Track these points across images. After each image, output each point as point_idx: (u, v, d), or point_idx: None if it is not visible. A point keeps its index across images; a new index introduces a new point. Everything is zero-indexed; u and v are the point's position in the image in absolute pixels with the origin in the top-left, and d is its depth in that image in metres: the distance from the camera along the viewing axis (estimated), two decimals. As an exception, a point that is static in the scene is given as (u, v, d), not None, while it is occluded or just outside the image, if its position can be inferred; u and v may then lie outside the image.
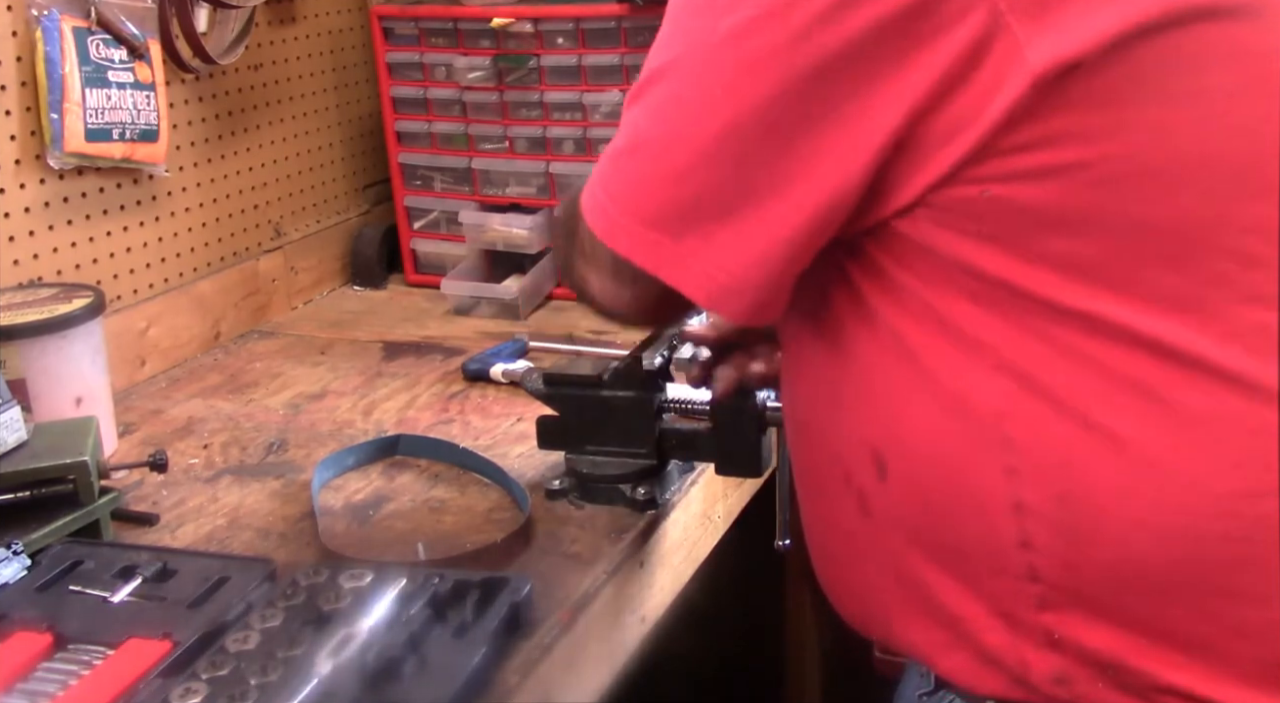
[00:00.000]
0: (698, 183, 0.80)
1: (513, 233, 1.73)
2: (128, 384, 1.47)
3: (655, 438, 1.12)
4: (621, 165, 0.85)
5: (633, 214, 0.82)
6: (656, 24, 0.84)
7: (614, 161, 0.85)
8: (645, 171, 0.83)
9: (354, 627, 0.86)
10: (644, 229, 0.82)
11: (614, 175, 0.85)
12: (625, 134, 0.84)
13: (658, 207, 0.82)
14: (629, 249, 0.83)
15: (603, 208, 0.85)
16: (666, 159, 0.81)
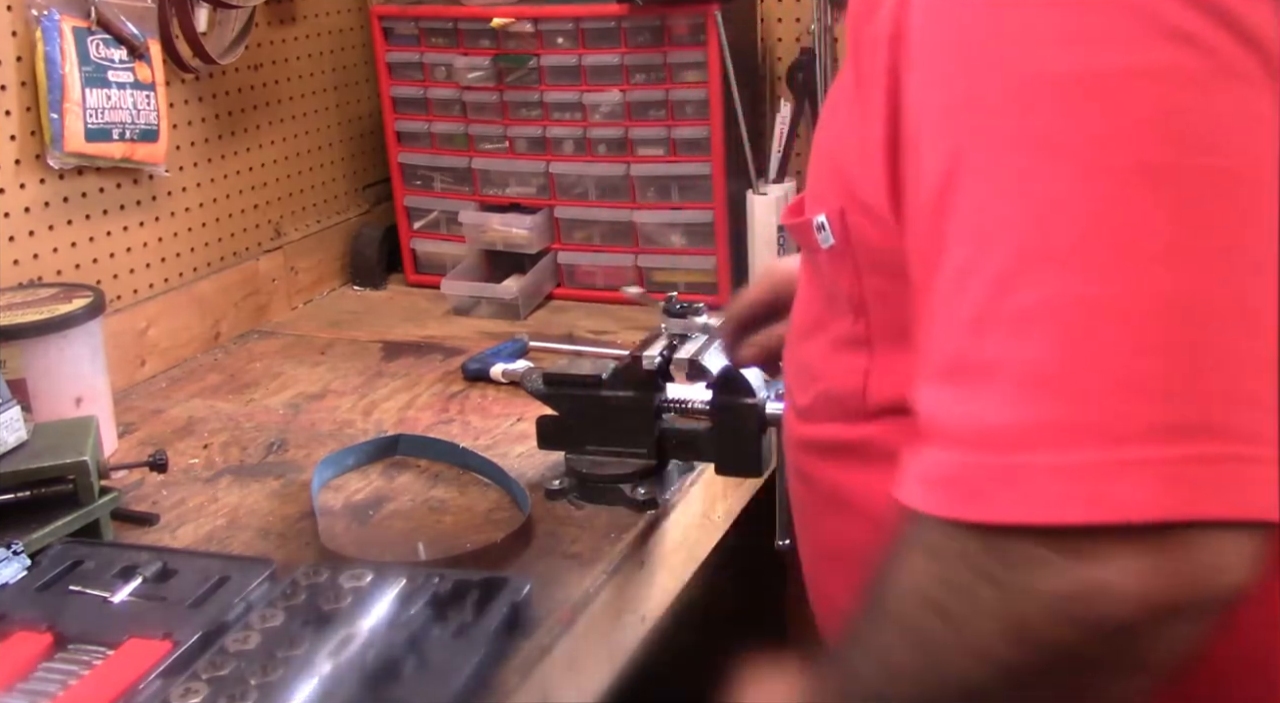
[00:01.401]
0: (1184, 332, 0.54)
1: (513, 233, 1.73)
2: (128, 384, 1.47)
3: (655, 438, 1.12)
4: (1043, 377, 0.56)
5: (1104, 443, 0.54)
6: (656, 24, 0.82)
7: (1021, 390, 0.56)
8: (1097, 361, 0.55)
9: (354, 627, 0.86)
10: (1138, 451, 0.53)
11: (1024, 407, 0.56)
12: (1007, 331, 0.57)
13: (1144, 410, 0.54)
14: (1125, 502, 0.53)
15: (1025, 475, 0.55)
16: (1121, 332, 0.55)
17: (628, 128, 1.67)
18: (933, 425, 0.60)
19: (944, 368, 0.60)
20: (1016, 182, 0.58)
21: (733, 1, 1.62)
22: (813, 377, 0.85)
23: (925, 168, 0.62)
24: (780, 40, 1.80)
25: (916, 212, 0.64)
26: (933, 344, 0.62)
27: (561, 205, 1.73)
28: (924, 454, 0.60)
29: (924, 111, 0.63)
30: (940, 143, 0.61)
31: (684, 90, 1.63)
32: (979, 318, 0.58)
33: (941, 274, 0.61)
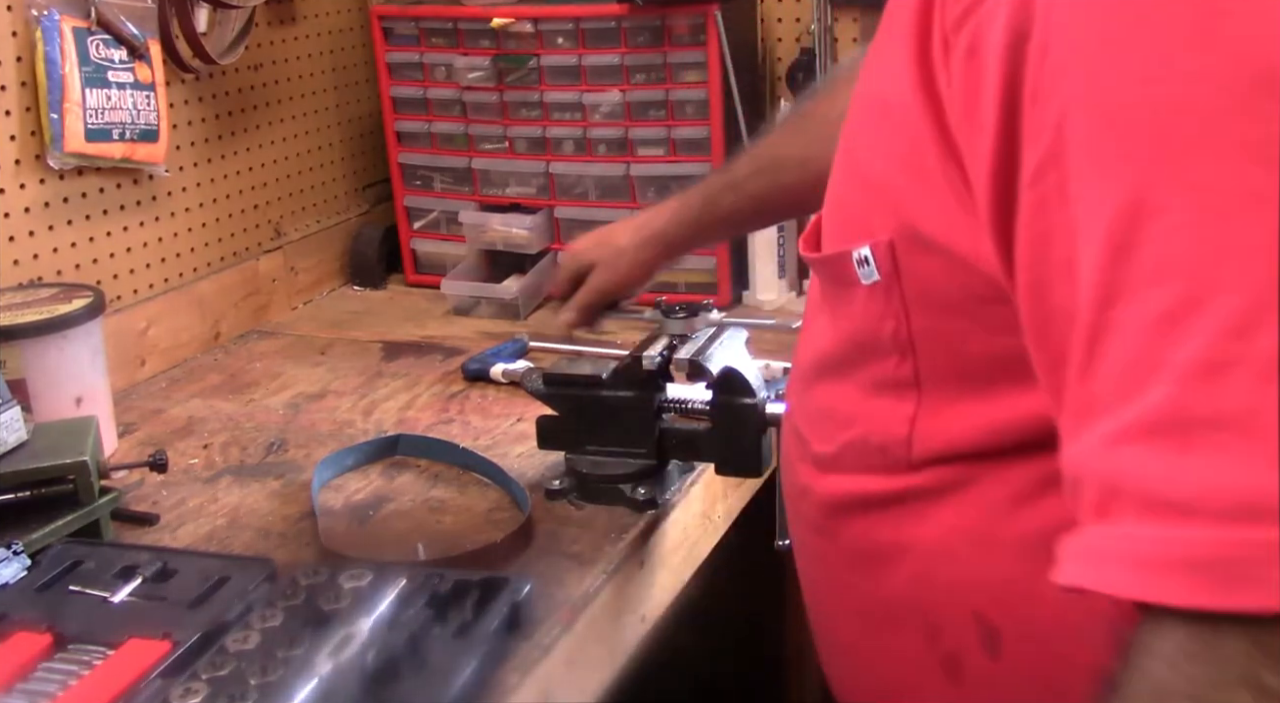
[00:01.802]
0: None
1: (513, 233, 1.73)
2: (128, 384, 1.47)
3: (655, 438, 1.12)
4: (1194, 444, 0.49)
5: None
6: (656, 24, 0.79)
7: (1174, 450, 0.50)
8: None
9: (354, 627, 0.86)
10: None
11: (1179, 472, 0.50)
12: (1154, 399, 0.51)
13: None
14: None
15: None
16: None
17: (628, 128, 1.67)
18: (1140, 494, 0.51)
19: (1152, 424, 0.51)
20: (1235, 222, 0.51)
21: (733, 1, 1.62)
22: (840, 423, 0.79)
23: (1084, 203, 0.55)
24: (780, 40, 1.80)
25: (1060, 250, 0.57)
26: (1115, 397, 0.53)
27: (561, 205, 1.73)
28: (1128, 531, 0.51)
29: (1079, 141, 0.56)
30: (1114, 178, 0.54)
31: (684, 90, 1.63)
32: (1210, 365, 0.50)
33: (1124, 319, 0.53)
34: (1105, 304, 0.54)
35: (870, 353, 0.75)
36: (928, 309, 0.71)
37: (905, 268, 0.71)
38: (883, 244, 0.71)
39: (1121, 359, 0.53)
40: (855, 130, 0.77)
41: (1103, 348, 0.54)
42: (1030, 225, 0.59)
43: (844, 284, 0.74)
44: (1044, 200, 0.58)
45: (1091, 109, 0.55)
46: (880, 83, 0.73)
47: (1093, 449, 0.53)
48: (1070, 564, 0.54)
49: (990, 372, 0.70)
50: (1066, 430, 0.56)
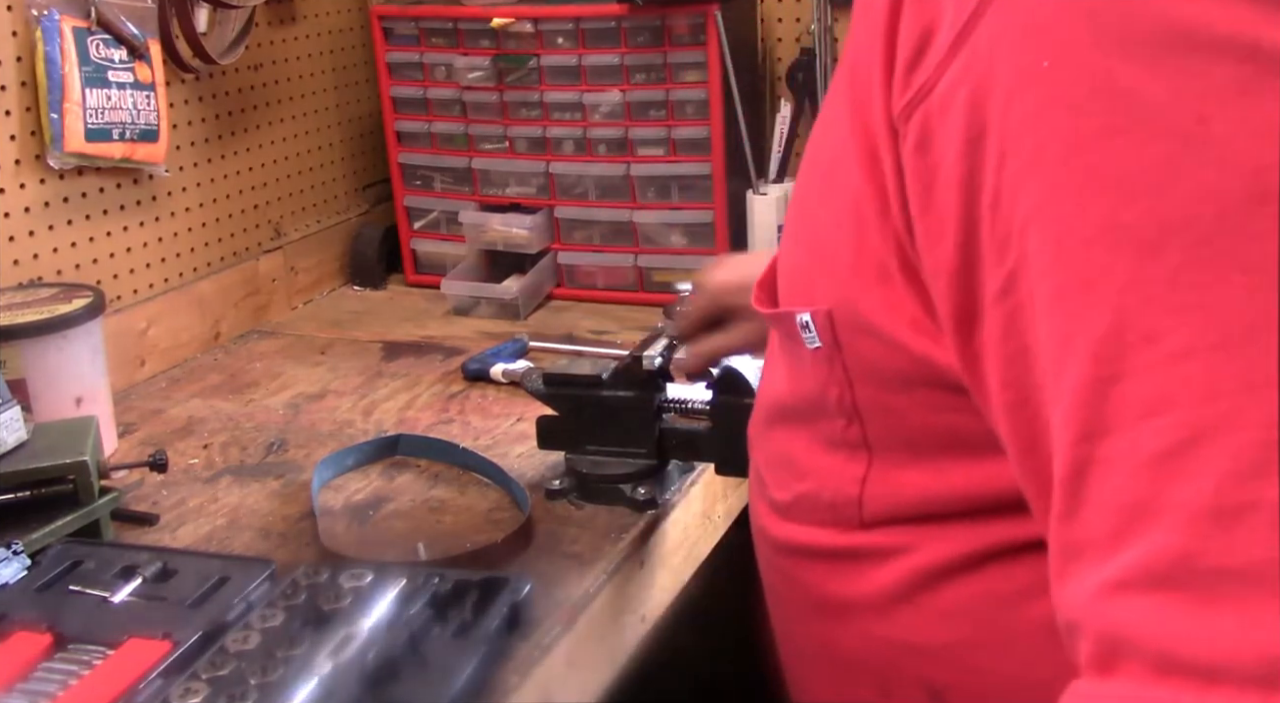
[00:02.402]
0: None
1: (513, 233, 1.73)
2: (128, 384, 1.47)
3: (655, 438, 1.12)
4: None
5: None
6: (656, 24, 0.78)
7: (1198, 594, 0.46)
8: None
9: (354, 627, 0.86)
10: None
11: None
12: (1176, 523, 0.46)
13: None
14: None
15: None
16: None
17: (628, 128, 1.67)
18: (1153, 654, 0.46)
19: (1159, 573, 0.46)
20: (1237, 350, 0.46)
21: (733, 1, 1.62)
22: (795, 474, 0.78)
23: (1058, 324, 0.51)
24: (780, 40, 1.80)
25: (1041, 367, 0.53)
26: (1111, 540, 0.48)
27: (561, 205, 1.73)
28: (1146, 696, 0.46)
29: (1047, 257, 0.51)
30: (1093, 301, 0.49)
31: (684, 90, 1.63)
32: (1220, 509, 0.45)
33: (1115, 454, 0.49)
34: (1090, 438, 0.49)
35: (820, 412, 0.73)
36: (869, 382, 0.69)
37: (844, 341, 0.68)
38: (822, 313, 0.69)
39: (1116, 498, 0.48)
40: (804, 190, 0.75)
41: (1091, 485, 0.49)
42: (1005, 341, 0.55)
43: (794, 341, 0.73)
44: (1015, 315, 0.54)
45: (1058, 225, 0.51)
46: (830, 145, 0.70)
47: (1090, 597, 0.49)
48: None
49: (933, 443, 0.68)
50: (1055, 570, 0.52)
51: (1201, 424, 0.46)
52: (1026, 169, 0.52)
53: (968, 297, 0.56)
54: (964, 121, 0.54)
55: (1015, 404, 0.55)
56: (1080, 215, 0.50)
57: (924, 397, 0.66)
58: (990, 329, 0.56)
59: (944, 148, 0.55)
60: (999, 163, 0.53)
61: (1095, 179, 0.50)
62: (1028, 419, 0.54)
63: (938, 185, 0.56)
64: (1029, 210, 0.52)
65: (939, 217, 0.57)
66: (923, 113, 0.56)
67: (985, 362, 0.57)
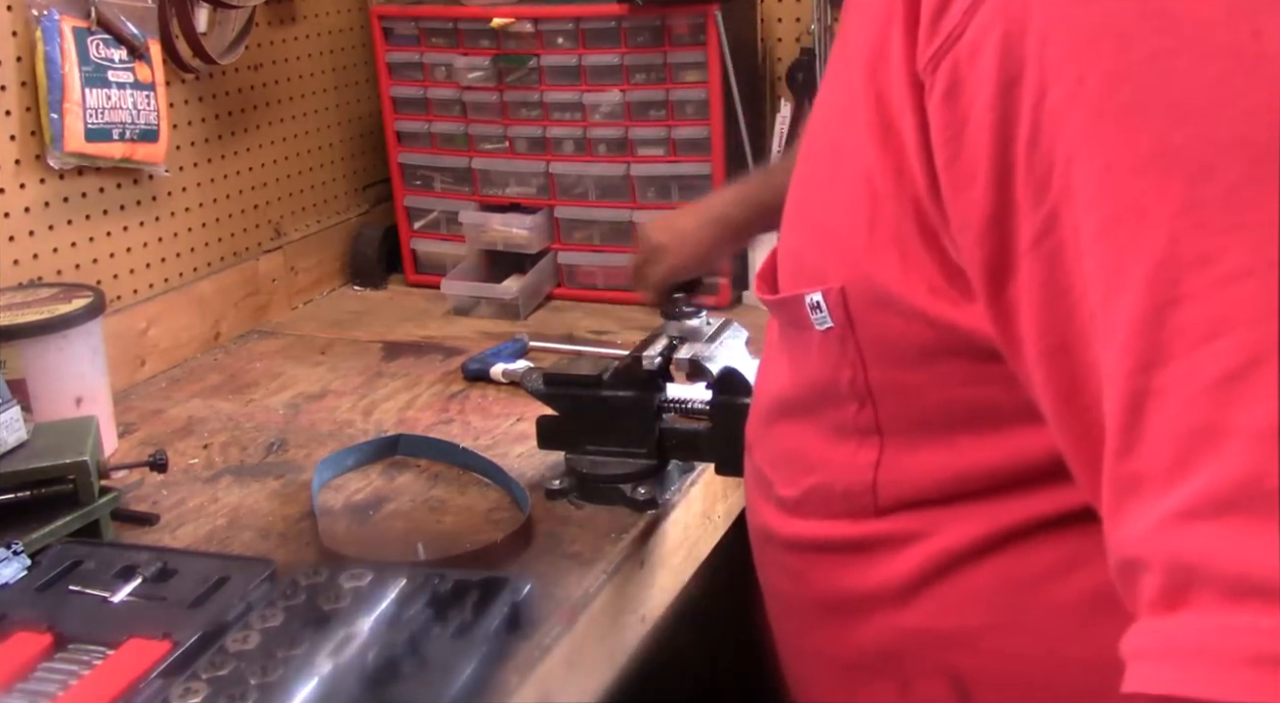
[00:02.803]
0: None
1: (513, 233, 1.73)
2: (128, 384, 1.47)
3: (655, 438, 1.12)
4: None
5: None
6: (656, 24, 0.78)
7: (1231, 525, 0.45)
8: None
9: (354, 627, 0.86)
10: None
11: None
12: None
13: None
14: None
15: None
16: None
17: (628, 128, 1.67)
18: (1225, 579, 0.45)
19: (1226, 498, 0.45)
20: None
21: (733, 1, 1.62)
22: (804, 468, 0.77)
23: (1108, 254, 0.50)
24: (780, 40, 1.80)
25: (1086, 307, 0.52)
26: (1173, 470, 0.47)
27: (561, 205, 1.73)
28: (1219, 623, 0.45)
29: (1094, 187, 0.50)
30: (1146, 226, 0.48)
31: (684, 90, 1.63)
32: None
33: (1173, 382, 0.47)
34: (1148, 367, 0.48)
35: (829, 399, 0.72)
36: (882, 360, 0.68)
37: (859, 319, 0.68)
38: (834, 291, 0.68)
39: (1176, 427, 0.47)
40: (807, 174, 0.75)
41: (1150, 416, 0.48)
42: (1045, 286, 0.54)
43: (800, 328, 0.72)
44: (1056, 256, 0.53)
45: (1106, 151, 0.50)
46: (830, 122, 0.70)
47: (1152, 530, 0.47)
48: (1150, 666, 0.47)
49: (949, 421, 0.67)
50: (1110, 509, 0.50)
51: (1261, 345, 0.45)
52: (1068, 102, 0.51)
53: (1001, 245, 0.55)
54: (997, 64, 0.53)
55: (1054, 350, 0.54)
56: (1129, 142, 0.49)
57: (941, 370, 0.65)
58: (1027, 276, 0.54)
59: (975, 92, 0.54)
60: (1037, 101, 0.52)
61: (1145, 104, 0.49)
62: (1068, 366, 0.53)
63: (968, 132, 0.55)
64: (1073, 143, 0.51)
65: (969, 164, 0.55)
66: (951, 60, 0.56)
67: (1020, 311, 0.55)
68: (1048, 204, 0.52)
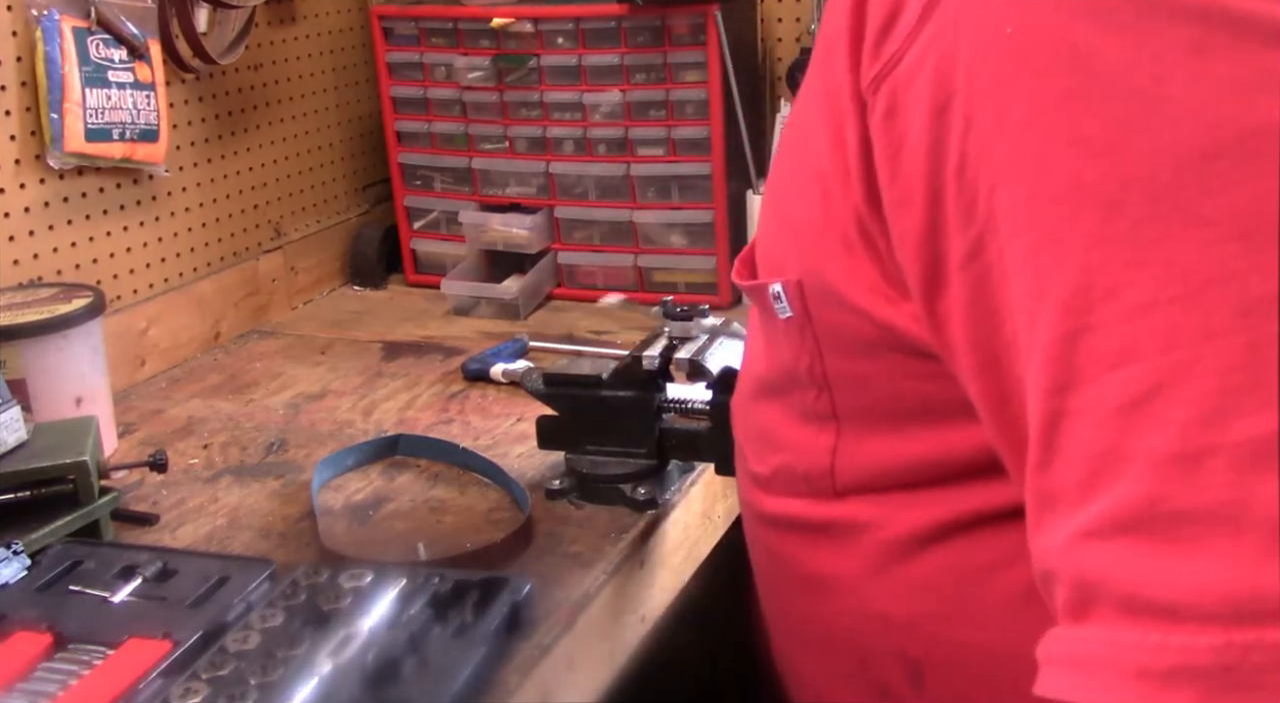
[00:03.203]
0: None
1: (513, 233, 1.73)
2: (128, 384, 1.47)
3: (655, 438, 1.12)
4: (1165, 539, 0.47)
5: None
6: (656, 24, 0.79)
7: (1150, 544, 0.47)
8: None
9: (354, 627, 0.86)
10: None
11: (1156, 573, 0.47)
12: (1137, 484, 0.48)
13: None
14: None
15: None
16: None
17: (628, 128, 1.67)
18: (1120, 596, 0.47)
19: (1125, 520, 0.48)
20: (1198, 301, 0.47)
21: (733, 1, 1.62)
22: (773, 447, 0.80)
23: (1026, 282, 0.52)
24: (780, 40, 1.80)
25: (1010, 327, 0.54)
26: (1081, 490, 0.50)
27: (561, 205, 1.73)
28: (1115, 638, 0.47)
29: (1014, 217, 0.52)
30: (1059, 257, 0.51)
31: (684, 90, 1.63)
32: (1184, 455, 0.46)
33: (1083, 406, 0.50)
34: (1061, 391, 0.51)
35: (794, 383, 0.75)
36: (837, 351, 0.70)
37: (813, 310, 0.70)
38: (792, 283, 0.70)
39: (1085, 450, 0.50)
40: (781, 161, 0.77)
41: (1063, 437, 0.51)
42: (973, 304, 0.56)
43: (769, 314, 0.74)
44: (984, 277, 0.55)
45: (1026, 184, 0.52)
46: (800, 117, 0.72)
47: (1062, 545, 0.50)
48: (1056, 673, 0.50)
49: (897, 411, 0.69)
50: (1031, 520, 0.53)
51: (1163, 374, 0.48)
52: (992, 134, 0.53)
53: (933, 261, 0.58)
54: (930, 90, 0.55)
55: (984, 366, 0.57)
56: (1046, 176, 0.51)
57: (890, 363, 0.67)
58: (957, 294, 0.57)
59: (910, 116, 0.57)
60: (964, 129, 0.54)
61: (1059, 140, 0.51)
62: (997, 379, 0.56)
63: (904, 153, 0.58)
64: (996, 173, 0.53)
65: (906, 183, 0.58)
66: (890, 83, 0.58)
67: (952, 325, 0.58)
68: (975, 228, 0.55)
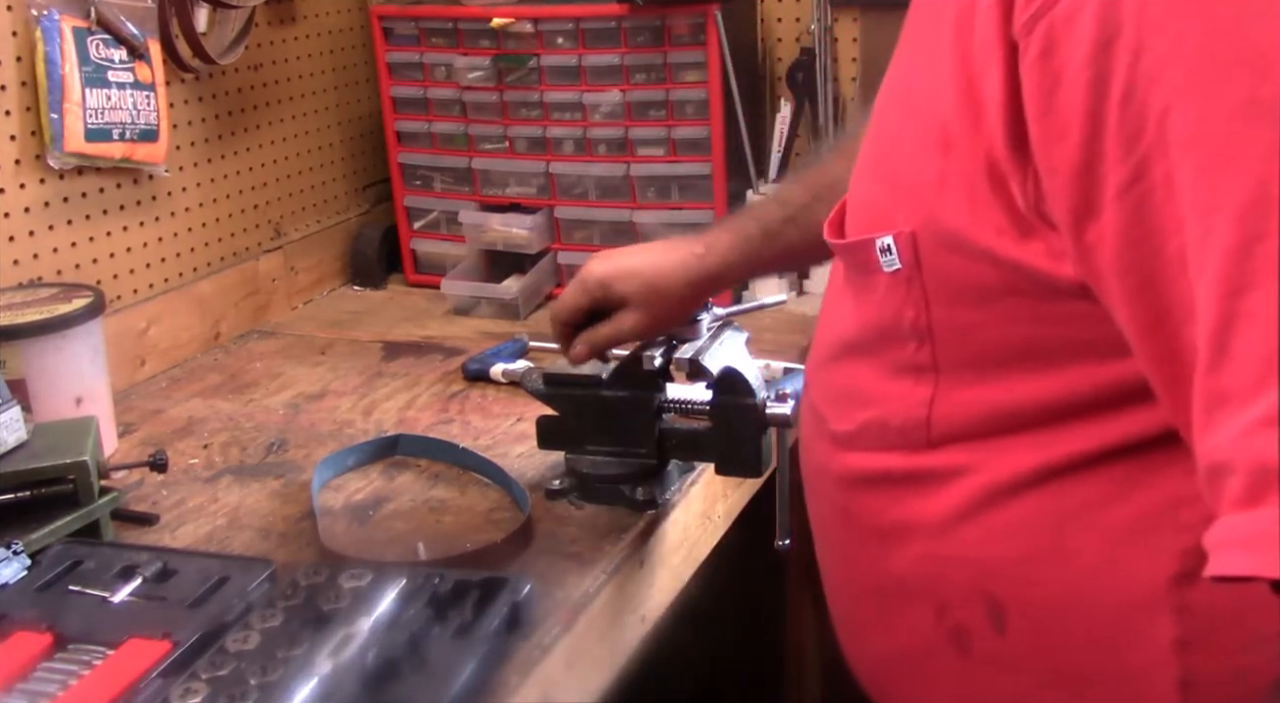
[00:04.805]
0: None
1: (513, 233, 1.73)
2: (128, 384, 1.47)
3: (655, 438, 1.12)
4: None
5: None
6: (656, 24, 0.80)
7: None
8: None
9: (354, 627, 0.86)
10: None
11: None
12: None
13: None
14: None
15: None
16: None
17: (628, 128, 1.67)
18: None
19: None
20: None
21: (733, 1, 1.62)
22: (859, 403, 0.82)
23: (1200, 196, 0.55)
24: (780, 40, 1.80)
25: (1173, 246, 0.57)
26: (1258, 384, 0.53)
27: (561, 205, 1.73)
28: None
29: (1188, 136, 0.56)
30: (1237, 169, 0.54)
31: (684, 90, 1.63)
32: None
33: (1259, 307, 0.53)
34: (1236, 294, 0.54)
35: (890, 338, 0.77)
36: (946, 300, 0.73)
37: (926, 260, 0.73)
38: (905, 235, 0.73)
39: (1261, 347, 0.53)
40: (881, 122, 0.80)
41: (1236, 337, 0.54)
42: (1133, 226, 0.59)
43: (866, 271, 0.77)
44: (1144, 201, 0.58)
45: (1201, 103, 0.55)
46: (908, 80, 0.75)
47: (1238, 437, 0.53)
48: (1229, 554, 0.53)
49: (1002, 359, 0.72)
50: (1200, 424, 0.56)
51: None
52: (1165, 59, 0.56)
53: (1086, 192, 0.60)
54: (1094, 26, 0.58)
55: (1140, 287, 0.59)
56: (1221, 94, 0.54)
57: (1000, 309, 0.70)
58: (1110, 220, 0.60)
59: (1070, 53, 0.59)
60: (1133, 59, 0.57)
61: (1233, 60, 0.54)
62: (1153, 299, 0.59)
63: (1062, 88, 0.60)
64: (1169, 95, 0.56)
65: (1062, 118, 0.60)
66: (1046, 23, 0.60)
67: (1102, 252, 0.61)
68: (1137, 154, 0.57)
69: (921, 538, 0.78)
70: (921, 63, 0.72)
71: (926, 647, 0.79)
